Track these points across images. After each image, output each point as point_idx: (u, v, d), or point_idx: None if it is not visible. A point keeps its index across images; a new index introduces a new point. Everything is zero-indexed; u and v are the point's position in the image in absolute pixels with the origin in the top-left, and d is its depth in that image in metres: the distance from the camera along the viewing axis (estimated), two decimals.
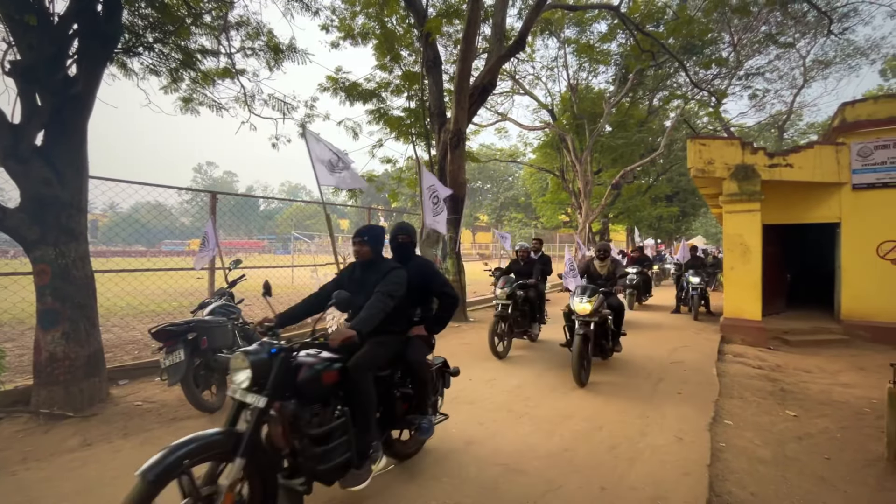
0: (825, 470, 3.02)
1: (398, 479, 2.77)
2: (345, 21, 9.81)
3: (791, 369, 5.65)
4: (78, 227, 3.92)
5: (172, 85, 6.83)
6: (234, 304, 4.88)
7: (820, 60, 20.04)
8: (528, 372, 5.25)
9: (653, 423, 3.74)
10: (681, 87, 17.80)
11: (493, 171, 50.12)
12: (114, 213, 29.24)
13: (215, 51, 6.80)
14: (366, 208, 10.99)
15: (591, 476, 2.84)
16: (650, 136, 19.55)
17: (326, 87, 10.06)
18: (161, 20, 5.49)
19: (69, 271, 3.80)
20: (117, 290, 7.50)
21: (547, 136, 19.48)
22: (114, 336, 6.42)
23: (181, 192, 6.84)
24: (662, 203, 24.08)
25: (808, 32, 17.23)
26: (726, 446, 3.35)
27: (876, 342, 6.84)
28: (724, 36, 16.33)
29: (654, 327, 8.46)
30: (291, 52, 7.43)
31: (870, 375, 5.29)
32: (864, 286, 7.24)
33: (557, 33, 15.68)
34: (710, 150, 7.61)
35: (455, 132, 8.51)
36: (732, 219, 7.48)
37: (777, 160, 7.35)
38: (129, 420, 3.64)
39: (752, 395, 4.56)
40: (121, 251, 19.93)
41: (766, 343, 6.98)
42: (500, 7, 9.14)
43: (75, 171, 3.93)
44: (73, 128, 3.94)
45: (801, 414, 4.06)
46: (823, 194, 7.64)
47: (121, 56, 5.61)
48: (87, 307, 3.93)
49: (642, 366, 5.59)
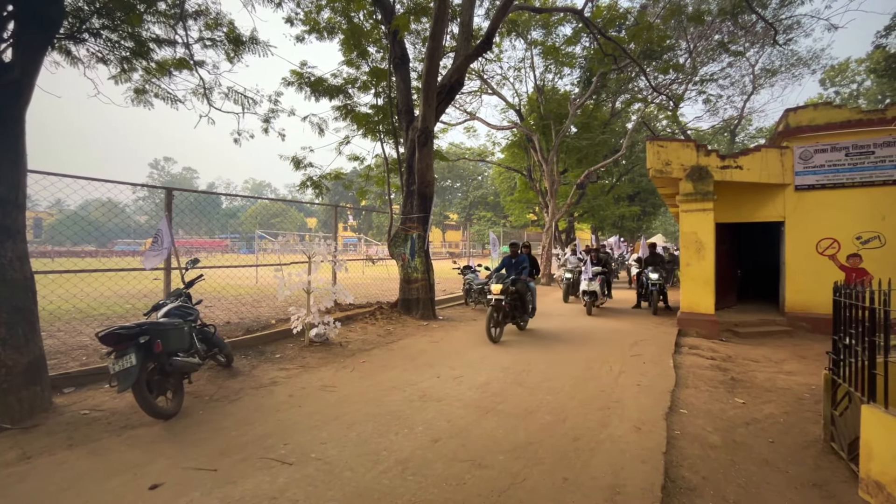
0: (770, 452, 3.22)
1: (365, 478, 2.74)
2: (310, 14, 9.58)
3: (741, 359, 5.99)
4: (15, 225, 3.64)
5: (123, 75, 6.46)
6: (191, 304, 4.68)
7: (767, 69, 21.42)
8: (495, 368, 5.31)
9: (613, 414, 3.87)
10: (641, 91, 18.51)
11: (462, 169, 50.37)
12: (59, 211, 27.37)
13: (171, 40, 6.48)
14: (333, 206, 10.79)
15: (554, 467, 2.91)
16: (613, 137, 20.20)
17: (291, 82, 9.79)
18: (109, 5, 5.17)
19: (5, 272, 3.53)
20: (62, 292, 7.02)
21: (515, 136, 19.76)
22: (58, 342, 6.01)
23: (135, 189, 6.54)
24: (625, 202, 24.96)
25: (757, 42, 18.37)
26: (681, 434, 3.52)
27: (815, 332, 7.38)
28: (681, 43, 17.13)
29: (615, 322, 8.75)
30: (253, 44, 7.19)
31: (810, 363, 5.70)
32: (804, 281, 7.78)
33: (524, 35, 15.94)
34: (668, 152, 7.94)
35: (423, 130, 8.49)
36: (688, 218, 7.84)
37: (728, 162, 7.76)
38: (75, 430, 3.42)
39: (706, 385, 4.81)
40: (67, 251, 18.69)
41: (718, 335, 7.37)
42: (468, 6, 9.17)
43: (11, 165, 3.64)
44: (8, 117, 3.65)
45: (749, 401, 4.31)
46: (770, 195, 8.13)
47: (64, 42, 5.26)
48: (25, 310, 3.66)
49: (604, 359, 5.78)
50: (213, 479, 2.73)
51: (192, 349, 4.21)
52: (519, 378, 4.93)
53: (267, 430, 3.45)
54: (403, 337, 7.07)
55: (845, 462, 2.99)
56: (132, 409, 3.75)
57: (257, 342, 6.17)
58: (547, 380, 4.87)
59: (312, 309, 6.14)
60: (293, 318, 6.11)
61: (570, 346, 6.55)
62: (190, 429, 3.48)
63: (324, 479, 2.74)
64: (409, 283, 8.73)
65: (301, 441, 3.25)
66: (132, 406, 3.75)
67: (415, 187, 8.83)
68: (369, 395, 4.34)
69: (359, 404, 4.06)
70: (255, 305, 9.70)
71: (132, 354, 3.36)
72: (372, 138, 10.83)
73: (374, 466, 2.91)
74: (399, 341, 6.77)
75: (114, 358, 3.39)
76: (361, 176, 12.31)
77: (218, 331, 5.01)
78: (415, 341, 6.80)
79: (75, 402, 4.00)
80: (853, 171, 7.49)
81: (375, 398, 4.22)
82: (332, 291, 6.43)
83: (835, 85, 31.59)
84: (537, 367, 5.36)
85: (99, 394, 4.21)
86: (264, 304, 9.84)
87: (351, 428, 3.53)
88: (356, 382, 4.74)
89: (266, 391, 4.40)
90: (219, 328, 5.17)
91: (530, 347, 6.44)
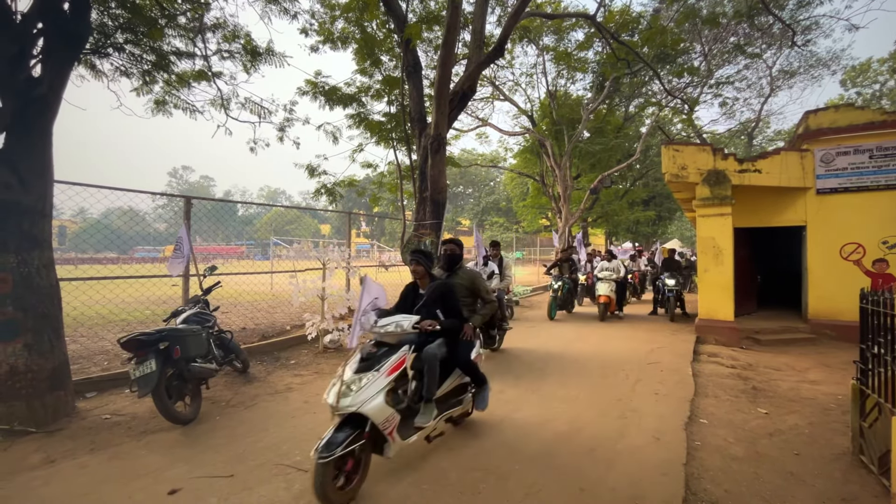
0: (795, 465, 3.11)
1: (379, 484, 2.73)
2: (324, 25, 9.74)
3: (762, 368, 5.83)
4: (42, 234, 3.76)
5: (145, 87, 6.64)
6: (209, 311, 4.76)
7: (785, 71, 20.99)
8: (508, 377, 5.26)
9: (631, 423, 3.80)
10: (655, 95, 18.32)
11: (474, 175, 50.44)
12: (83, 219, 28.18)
13: (190, 53, 6.66)
14: (347, 213, 10.89)
15: (570, 478, 2.86)
16: (627, 141, 20.02)
17: (306, 91, 9.94)
18: (132, 20, 5.34)
19: (32, 279, 3.64)
20: (85, 298, 7.20)
21: (527, 142, 19.73)
22: (81, 347, 6.16)
23: (155, 197, 6.66)
24: (639, 207, 24.65)
25: (774, 44, 18.04)
26: (701, 445, 3.43)
27: (840, 340, 7.14)
28: (696, 46, 16.93)
29: (631, 329, 8.61)
30: (269, 55, 7.34)
31: (835, 372, 5.51)
32: (828, 286, 7.55)
33: (536, 41, 15.95)
34: (684, 156, 7.83)
35: (436, 137, 8.52)
36: (705, 222, 7.70)
37: (746, 166, 7.62)
38: (97, 434, 3.49)
39: (726, 394, 4.69)
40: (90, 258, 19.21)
41: (738, 343, 7.19)
42: (480, 14, 9.22)
43: (39, 175, 3.77)
44: (36, 130, 3.79)
45: (772, 411, 4.19)
46: (790, 198, 7.95)
47: (89, 57, 5.43)
48: (51, 317, 3.76)
49: (620, 367, 5.68)
50: (229, 484, 2.75)
51: (210, 355, 4.27)
52: (533, 386, 4.87)
53: (282, 437, 3.47)
54: None
55: (875, 476, 2.88)
56: (151, 414, 3.81)
57: (273, 348, 6.24)
58: (562, 388, 4.81)
59: (327, 315, 6.19)
60: (308, 325, 6.16)
61: (585, 354, 6.46)
62: (207, 434, 3.52)
63: None
64: None
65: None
66: (151, 411, 3.82)
67: (427, 194, 8.85)
68: None
69: None
70: (271, 312, 9.81)
71: (152, 360, 3.43)
72: (385, 146, 10.93)
73: (389, 475, 2.89)
74: None
75: (134, 364, 3.46)
76: (374, 183, 12.41)
77: (234, 337, 5.09)
78: None
79: (97, 406, 4.09)
80: (878, 173, 7.28)
81: None
82: (346, 298, 6.47)
83: (856, 86, 30.81)
84: (551, 376, 5.30)
85: (120, 398, 4.29)
86: (279, 311, 9.94)
87: None
88: None
89: (281, 397, 4.43)
90: (235, 334, 5.24)
91: (543, 355, 6.37)
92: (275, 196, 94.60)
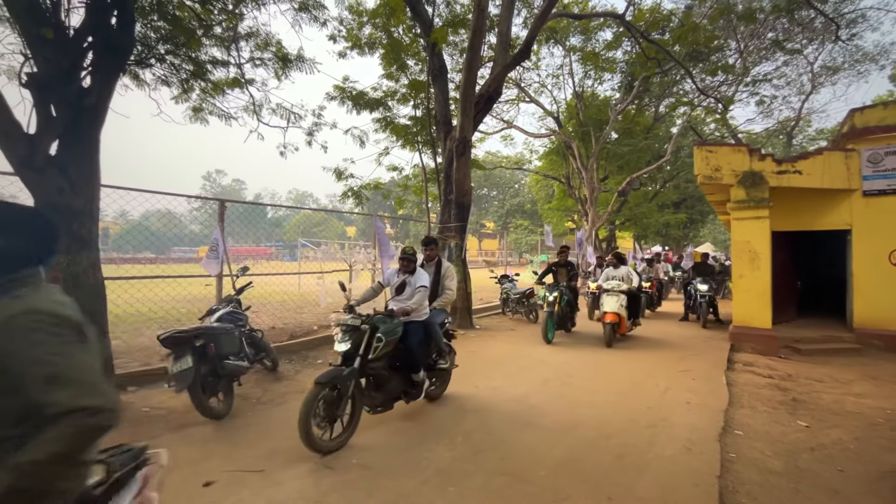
0: (839, 482, 2.95)
1: (404, 484, 2.75)
2: (352, 31, 9.95)
3: (802, 378, 5.56)
4: (89, 236, 3.99)
5: (183, 95, 6.94)
6: (241, 310, 4.92)
7: (828, 66, 19.92)
8: (534, 381, 5.21)
9: (661, 432, 3.69)
10: (687, 94, 17.78)
11: (498, 178, 50.20)
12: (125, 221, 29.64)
13: (225, 61, 6.92)
14: (372, 215, 11.06)
15: (598, 486, 2.81)
16: (656, 142, 19.52)
17: (334, 97, 10.17)
18: (173, 32, 5.61)
19: (80, 279, 3.86)
20: (127, 296, 7.57)
21: (553, 144, 19.51)
22: (122, 343, 6.48)
23: (190, 200, 6.95)
24: (669, 210, 23.95)
25: (816, 38, 17.17)
26: (737, 457, 3.30)
27: (889, 351, 6.72)
28: (731, 43, 16.33)
29: (661, 336, 8.37)
30: (299, 62, 7.54)
31: (883, 385, 5.19)
32: (876, 294, 7.12)
33: (563, 41, 15.77)
34: (717, 157, 7.57)
35: (461, 140, 8.56)
36: (740, 226, 7.41)
37: (786, 167, 7.29)
38: (137, 427, 3.66)
39: (763, 405, 4.49)
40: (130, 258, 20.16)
41: (776, 352, 6.88)
42: (506, 16, 9.22)
43: (87, 180, 4.00)
44: (86, 138, 4.03)
45: (814, 424, 3.99)
46: (834, 201, 7.55)
47: (133, 67, 5.73)
48: (97, 314, 3.98)
49: (649, 374, 5.53)
50: (260, 479, 2.84)
51: (242, 353, 4.41)
52: (559, 391, 4.81)
53: None
54: None
55: None
56: (187, 409, 3.96)
57: (301, 347, 6.39)
58: (589, 393, 4.72)
59: None
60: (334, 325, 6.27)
61: (615, 358, 6.32)
62: (240, 430, 3.64)
63: (365, 486, 2.78)
64: None
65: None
66: (187, 406, 3.97)
67: (452, 196, 8.90)
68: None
69: (398, 411, 4.10)
70: (298, 312, 10.04)
71: (189, 357, 3.57)
72: (410, 149, 11.05)
73: (415, 475, 2.92)
74: None
75: (172, 360, 3.62)
76: (400, 186, 12.56)
77: (264, 336, 5.24)
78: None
79: (137, 400, 4.29)
80: None
81: (414, 406, 4.25)
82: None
83: None
84: (579, 381, 5.21)
85: (158, 393, 4.49)
86: (307, 311, 10.17)
87: (391, 435, 3.57)
88: None
89: None
90: (265, 333, 5.41)
91: (570, 360, 6.27)
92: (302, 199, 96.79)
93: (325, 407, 3.20)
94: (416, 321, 3.97)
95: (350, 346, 3.45)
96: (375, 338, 3.51)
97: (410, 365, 3.86)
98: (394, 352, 3.75)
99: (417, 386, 3.93)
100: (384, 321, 3.63)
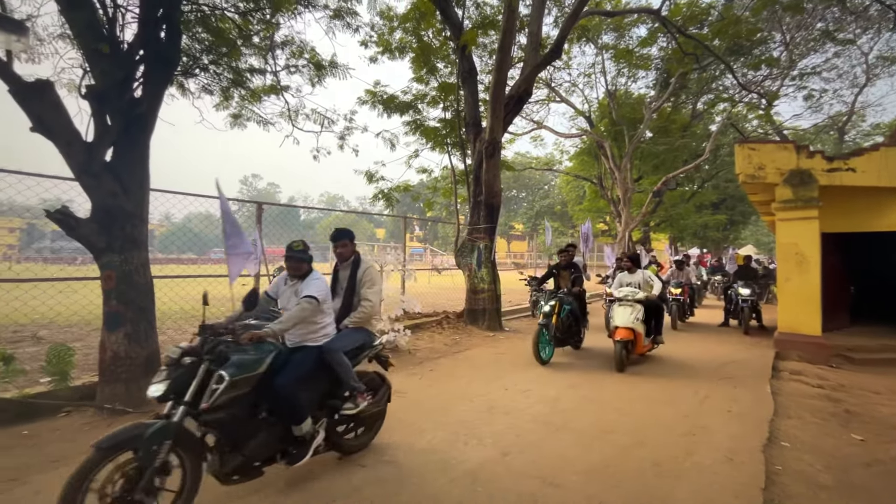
0: None
1: (434, 485, 2.77)
2: (383, 36, 10.11)
3: (857, 390, 5.20)
4: (140, 236, 4.24)
5: (224, 102, 7.28)
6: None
7: (885, 57, 18.56)
8: (564, 384, 5.12)
9: (700, 441, 3.55)
10: (727, 90, 17.03)
11: (528, 179, 49.73)
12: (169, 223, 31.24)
13: (262, 69, 7.20)
14: (402, 217, 11.19)
15: (633, 493, 2.73)
16: (694, 141, 18.78)
17: (365, 101, 10.37)
18: (215, 43, 5.89)
19: (132, 277, 4.10)
20: (172, 294, 7.99)
21: (584, 144, 19.15)
22: (167, 338, 6.82)
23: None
24: (708, 211, 22.98)
25: (871, 27, 16.05)
26: (783, 469, 3.13)
27: None
28: (776, 35, 15.52)
29: (700, 342, 8.04)
30: (333, 68, 7.74)
31: None
32: None
33: (595, 39, 15.46)
34: (761, 155, 7.22)
35: (490, 141, 8.54)
36: (787, 227, 7.04)
37: (837, 164, 6.86)
38: None
39: (812, 416, 4.24)
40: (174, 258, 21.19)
41: (827, 360, 6.47)
42: (536, 16, 9.14)
43: (139, 185, 4.26)
44: (137, 144, 4.29)
45: (870, 438, 3.73)
46: (891, 200, 7.04)
47: (179, 77, 6.05)
48: (146, 310, 4.22)
49: (688, 381, 5.32)
50: (295, 472, 2.92)
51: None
52: (590, 395, 4.71)
53: None
54: (470, 347, 7.08)
55: None
56: None
57: None
58: (621, 399, 4.60)
59: (383, 316, 6.38)
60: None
61: (647, 365, 6.13)
62: None
63: (395, 483, 2.82)
64: (476, 293, 8.75)
65: (373, 444, 3.37)
66: None
67: (482, 198, 8.89)
68: (438, 403, 4.39)
69: (428, 412, 4.12)
70: None
71: None
72: (440, 151, 11.10)
73: (444, 475, 2.93)
74: (466, 351, 6.79)
75: None
76: (429, 188, 12.64)
77: None
78: (481, 352, 6.78)
79: None
80: None
81: (444, 406, 4.27)
82: (401, 300, 6.64)
83: None
84: (610, 386, 5.09)
85: None
86: None
87: (421, 435, 3.60)
88: (425, 390, 4.83)
89: None
90: None
91: (599, 365, 6.12)
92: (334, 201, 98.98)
93: (117, 488, 2.04)
94: (309, 346, 2.97)
95: (165, 389, 2.27)
96: (215, 377, 2.33)
97: (287, 413, 2.67)
98: (259, 393, 2.57)
99: (301, 443, 2.73)
100: (238, 350, 2.48)
